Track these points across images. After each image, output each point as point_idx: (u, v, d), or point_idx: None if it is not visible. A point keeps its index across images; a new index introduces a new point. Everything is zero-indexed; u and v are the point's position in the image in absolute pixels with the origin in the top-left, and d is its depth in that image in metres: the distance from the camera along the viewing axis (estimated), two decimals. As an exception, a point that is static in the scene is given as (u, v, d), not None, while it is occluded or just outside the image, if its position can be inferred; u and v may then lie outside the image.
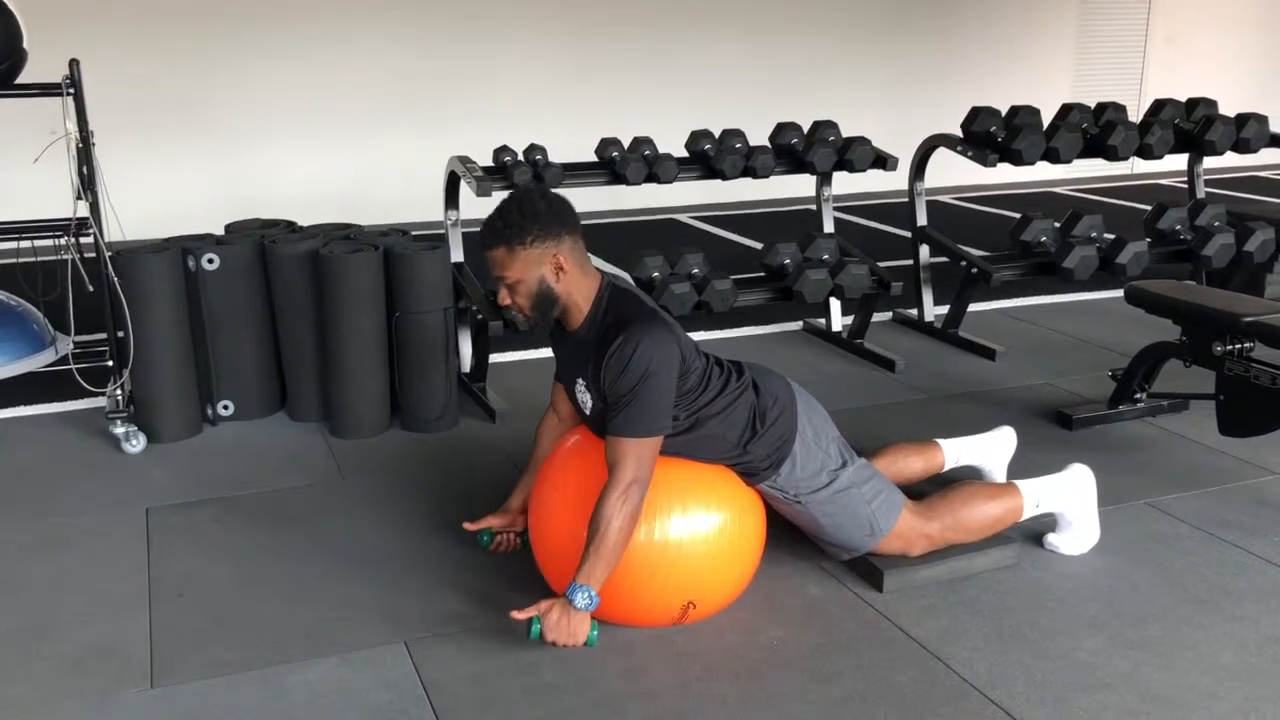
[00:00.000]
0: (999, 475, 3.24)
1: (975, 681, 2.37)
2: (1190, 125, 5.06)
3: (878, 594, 2.73)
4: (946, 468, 3.18)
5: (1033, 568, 2.86)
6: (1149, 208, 5.06)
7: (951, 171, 7.18)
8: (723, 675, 2.41)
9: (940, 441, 3.19)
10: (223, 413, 3.87)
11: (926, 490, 2.94)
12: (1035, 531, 2.98)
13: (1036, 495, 2.89)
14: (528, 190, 2.57)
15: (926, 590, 2.74)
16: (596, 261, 2.72)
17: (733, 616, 2.63)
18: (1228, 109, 5.19)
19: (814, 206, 5.10)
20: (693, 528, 2.52)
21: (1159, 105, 5.17)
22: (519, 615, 2.39)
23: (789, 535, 2.88)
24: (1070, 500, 2.92)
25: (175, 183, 7.42)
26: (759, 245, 4.94)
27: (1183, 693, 2.33)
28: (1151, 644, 2.51)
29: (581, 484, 2.55)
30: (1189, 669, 2.42)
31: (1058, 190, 9.23)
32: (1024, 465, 3.23)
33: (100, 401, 3.81)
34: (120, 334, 3.59)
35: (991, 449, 3.23)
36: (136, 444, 3.63)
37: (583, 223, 2.58)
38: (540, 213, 2.49)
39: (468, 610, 2.67)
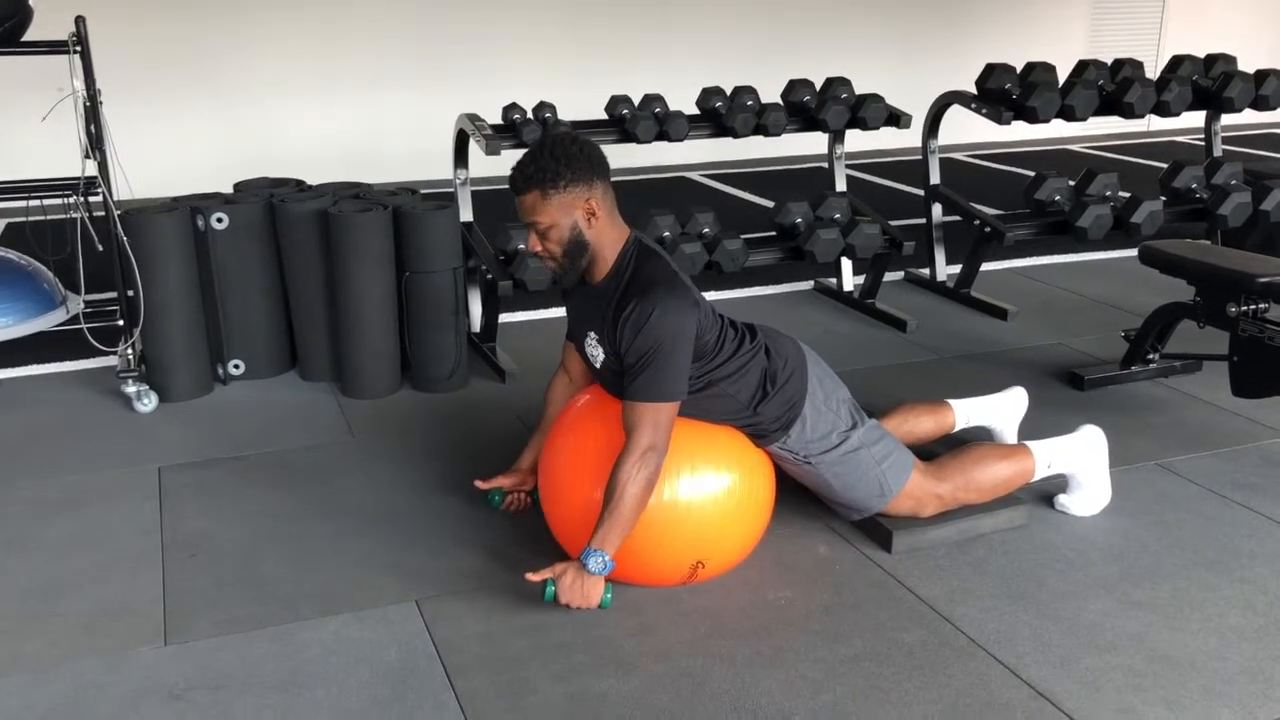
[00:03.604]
0: (1010, 436, 3.23)
1: (983, 642, 2.38)
2: (1208, 82, 4.99)
3: (886, 554, 2.73)
4: (957, 428, 3.18)
5: (1042, 528, 2.86)
6: (1165, 165, 5.01)
7: (966, 129, 7.11)
8: (731, 634, 2.42)
9: (951, 402, 3.18)
10: (233, 372, 3.88)
11: (937, 451, 2.93)
12: (1045, 492, 2.98)
13: (1048, 456, 2.88)
14: (559, 135, 2.54)
15: (935, 551, 2.74)
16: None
17: (741, 576, 2.64)
18: (1247, 65, 5.12)
19: (826, 164, 5.06)
20: (702, 488, 2.52)
21: (1177, 61, 5.10)
22: (534, 577, 2.40)
23: (798, 496, 2.88)
24: (1082, 461, 2.91)
25: (183, 141, 7.40)
26: (770, 204, 4.92)
27: (1190, 653, 2.34)
28: (1160, 605, 2.52)
29: (591, 446, 2.56)
30: (1197, 630, 2.42)
31: (1073, 148, 9.14)
32: (1035, 426, 3.22)
33: (111, 360, 3.82)
34: (130, 293, 3.60)
35: (1003, 409, 3.22)
36: (148, 403, 3.64)
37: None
38: (573, 157, 2.45)
39: (479, 569, 2.69)
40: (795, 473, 2.76)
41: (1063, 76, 4.89)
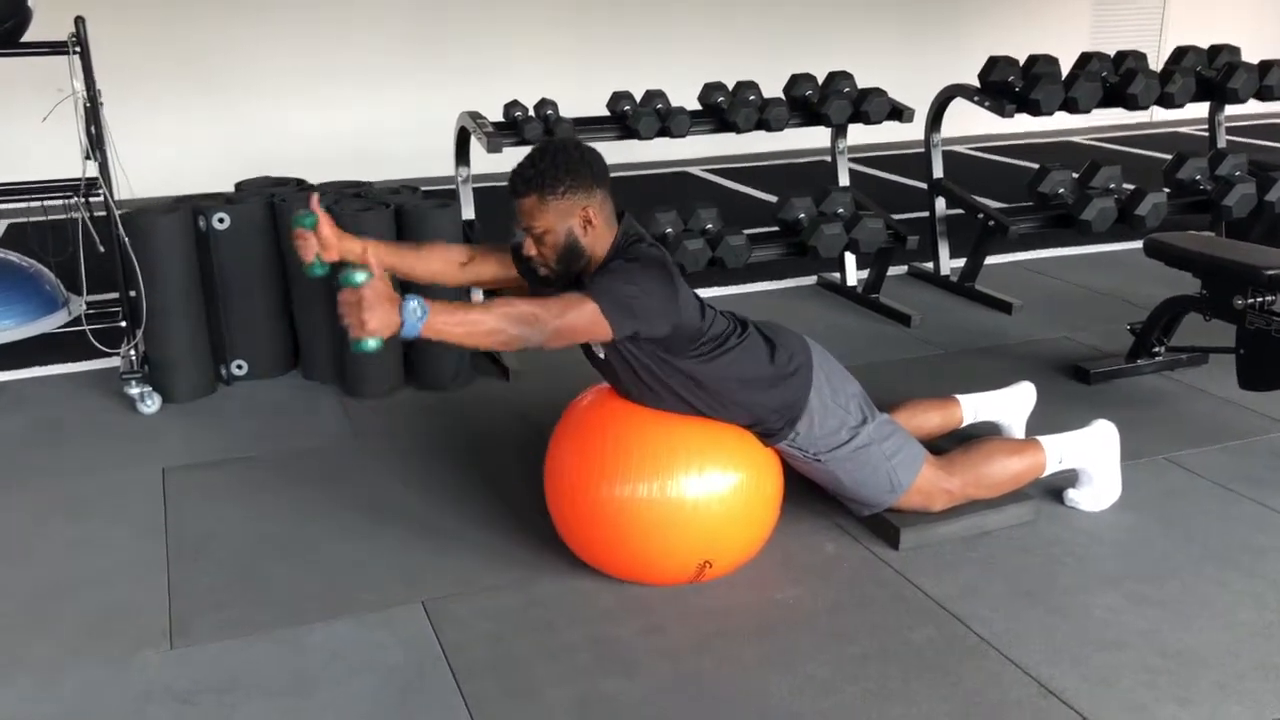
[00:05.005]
0: (1018, 431, 3.22)
1: (992, 640, 2.37)
2: (1212, 73, 4.97)
3: (894, 551, 2.72)
4: (965, 423, 3.16)
5: (1050, 524, 2.85)
6: (1169, 156, 4.99)
7: (968, 121, 7.08)
8: (739, 634, 2.41)
9: (959, 397, 3.17)
10: (236, 372, 3.87)
11: (945, 446, 2.92)
12: (1054, 487, 2.96)
13: (1059, 451, 2.87)
14: (561, 140, 2.52)
15: (943, 547, 2.73)
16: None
17: (749, 575, 2.63)
18: (1250, 56, 5.10)
19: (829, 158, 5.04)
20: (709, 487, 2.49)
21: (1180, 52, 5.07)
22: (362, 256, 2.22)
23: (806, 493, 2.87)
24: (1093, 456, 2.89)
25: (185, 140, 7.38)
26: (773, 198, 4.90)
27: (1200, 650, 2.32)
28: (1169, 601, 2.50)
29: (598, 446, 2.55)
30: (1206, 626, 2.41)
31: (1076, 140, 9.12)
32: (1042, 420, 3.21)
33: (115, 361, 3.80)
34: (132, 293, 3.58)
35: (1011, 404, 3.21)
36: (151, 404, 3.63)
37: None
38: (574, 163, 2.44)
39: (484, 570, 2.67)
40: (805, 470, 2.75)
41: (1066, 68, 4.86)
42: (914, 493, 2.72)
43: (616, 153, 6.14)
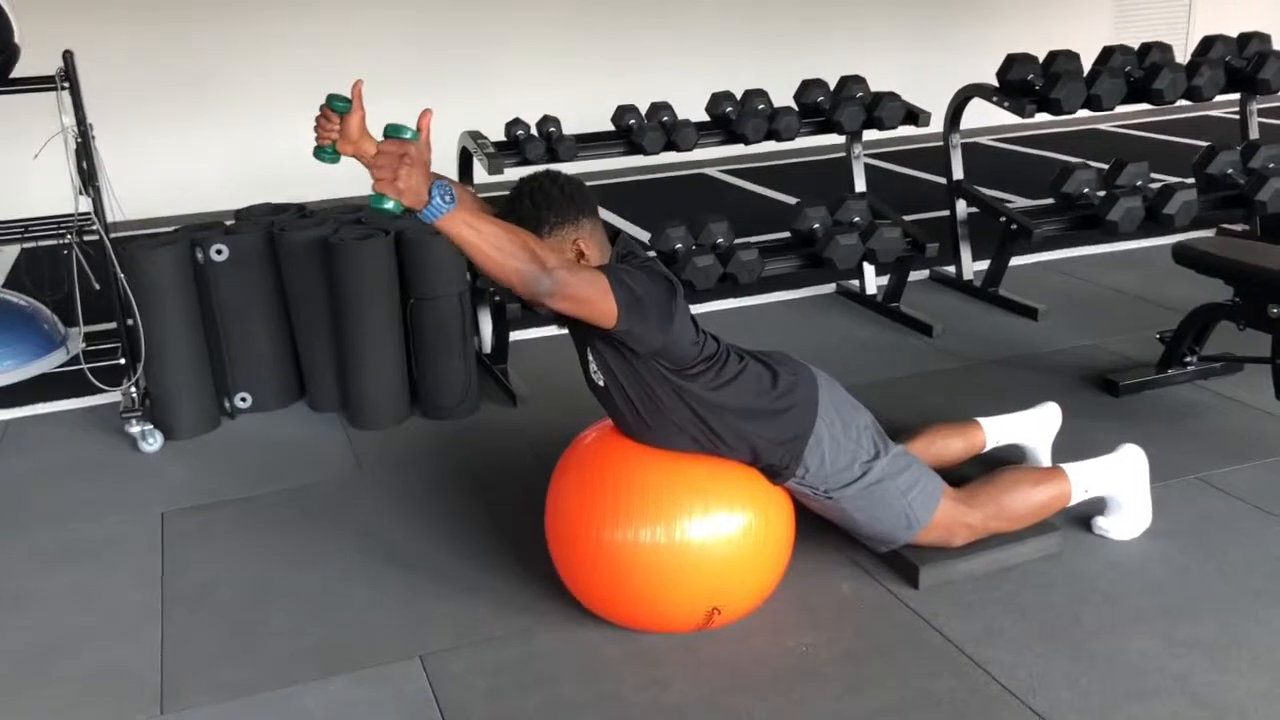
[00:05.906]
0: (1043, 453, 3.08)
1: (1016, 689, 2.24)
2: (1242, 63, 4.79)
3: (913, 591, 2.59)
4: (988, 447, 3.04)
5: (1076, 556, 2.71)
6: (1199, 143, 4.80)
7: (989, 114, 6.90)
8: (750, 687, 2.30)
9: (981, 420, 3.04)
10: (240, 405, 3.79)
11: (968, 473, 2.79)
12: (1081, 514, 2.83)
13: (1085, 480, 2.73)
14: (538, 177, 2.41)
15: (965, 585, 2.60)
16: (620, 223, 2.55)
17: (760, 621, 2.51)
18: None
19: (845, 154, 4.90)
20: (717, 529, 2.39)
21: (1208, 43, 4.89)
22: (426, 122, 1.99)
23: (819, 529, 2.75)
24: (1121, 484, 2.76)
25: (186, 157, 7.28)
26: (792, 199, 4.77)
27: (1239, 697, 2.19)
28: (1205, 642, 2.37)
29: (599, 485, 2.45)
30: (1246, 670, 2.27)
31: (1101, 127, 8.90)
32: (1069, 435, 3.08)
33: (116, 396, 3.74)
34: (130, 322, 3.50)
35: (1035, 426, 3.08)
36: (153, 443, 3.56)
37: (605, 184, 2.43)
38: (554, 199, 2.34)
39: (485, 617, 2.58)
40: (818, 508, 2.63)
41: (1088, 60, 4.69)
42: (933, 528, 2.60)
43: (629, 157, 6.03)
